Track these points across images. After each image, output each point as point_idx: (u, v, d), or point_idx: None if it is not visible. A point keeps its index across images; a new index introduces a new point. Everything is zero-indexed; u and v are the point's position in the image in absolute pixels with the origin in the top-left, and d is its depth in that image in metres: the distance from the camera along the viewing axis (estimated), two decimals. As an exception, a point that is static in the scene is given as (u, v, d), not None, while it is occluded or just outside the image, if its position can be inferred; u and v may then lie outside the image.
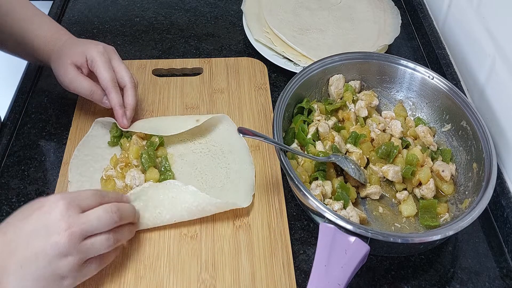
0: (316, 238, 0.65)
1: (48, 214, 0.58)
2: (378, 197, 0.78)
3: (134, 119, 0.83)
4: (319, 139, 0.82)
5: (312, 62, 0.86)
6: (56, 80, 0.82)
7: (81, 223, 0.59)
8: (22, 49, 0.85)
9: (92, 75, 0.80)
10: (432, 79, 0.84)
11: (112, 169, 0.77)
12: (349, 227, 0.64)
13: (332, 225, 0.65)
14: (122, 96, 0.80)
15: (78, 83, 0.79)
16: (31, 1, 0.86)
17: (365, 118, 0.85)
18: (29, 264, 0.56)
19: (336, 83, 0.87)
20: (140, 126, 0.82)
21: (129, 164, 0.78)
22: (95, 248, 0.61)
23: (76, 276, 0.60)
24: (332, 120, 0.84)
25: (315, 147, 0.80)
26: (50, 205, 0.59)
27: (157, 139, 0.81)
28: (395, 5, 1.08)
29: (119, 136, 0.82)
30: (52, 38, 0.82)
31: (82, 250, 0.59)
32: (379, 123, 0.84)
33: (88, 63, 0.79)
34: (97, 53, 0.78)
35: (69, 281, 0.59)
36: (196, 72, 0.96)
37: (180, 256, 0.71)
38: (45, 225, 0.58)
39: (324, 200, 0.74)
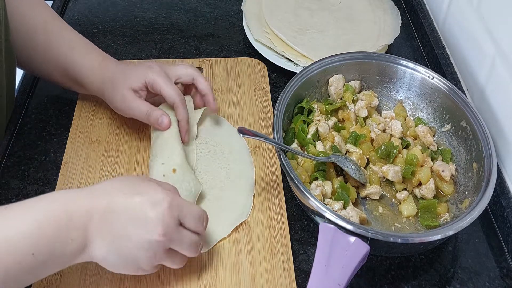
0: (316, 238, 0.65)
1: (150, 208, 0.60)
2: (378, 197, 0.78)
3: None
4: (319, 139, 0.82)
5: (312, 62, 0.86)
6: (112, 108, 0.82)
7: (174, 237, 0.61)
8: (69, 80, 0.84)
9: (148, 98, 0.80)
10: (432, 79, 0.84)
11: None
12: (349, 227, 0.64)
13: (332, 225, 0.65)
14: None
15: (135, 106, 0.78)
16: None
17: (365, 118, 0.85)
18: (121, 241, 0.60)
19: (336, 83, 0.87)
20: None
21: None
22: (172, 261, 0.64)
23: (147, 271, 0.63)
24: (332, 120, 0.84)
25: (315, 147, 0.80)
26: (156, 199, 0.60)
27: None
28: (395, 5, 1.08)
29: None
30: (100, 68, 0.81)
31: (163, 257, 0.62)
32: (379, 123, 0.84)
33: (149, 86, 0.78)
34: (155, 74, 0.78)
35: (141, 272, 0.63)
36: (196, 72, 0.96)
37: (180, 256, 0.71)
38: (146, 218, 0.60)
39: (324, 200, 0.74)
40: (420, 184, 0.78)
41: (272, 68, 0.97)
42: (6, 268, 0.54)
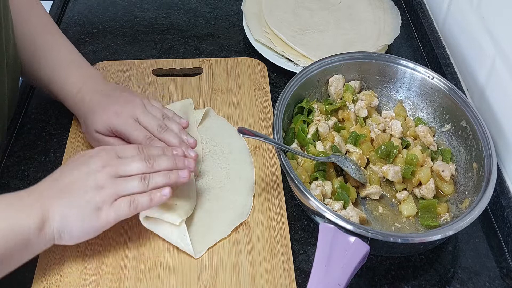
0: (316, 238, 0.65)
1: (89, 157, 0.66)
2: (378, 197, 0.78)
3: None
4: (319, 139, 0.82)
5: (312, 62, 0.86)
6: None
7: (117, 163, 0.66)
8: (55, 96, 0.84)
9: None
10: (432, 79, 0.84)
11: None
12: (349, 227, 0.64)
13: (332, 225, 0.65)
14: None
15: (104, 143, 0.77)
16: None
17: (365, 118, 0.85)
18: (69, 190, 0.63)
19: (336, 83, 0.87)
20: None
21: None
22: (128, 185, 0.65)
23: (109, 211, 0.64)
24: (332, 120, 0.84)
25: (315, 147, 0.80)
26: (92, 151, 0.67)
27: None
28: (395, 5, 1.08)
29: None
30: (75, 99, 0.80)
31: (116, 184, 0.64)
32: (379, 123, 0.84)
33: (115, 133, 0.76)
34: (121, 122, 0.75)
35: (104, 214, 0.64)
36: (196, 72, 0.96)
37: (180, 256, 0.70)
38: (86, 162, 0.65)
39: (324, 200, 0.74)
40: (420, 184, 0.78)
41: (272, 68, 0.97)
42: None
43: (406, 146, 0.82)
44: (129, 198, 0.65)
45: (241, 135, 0.72)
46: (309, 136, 0.81)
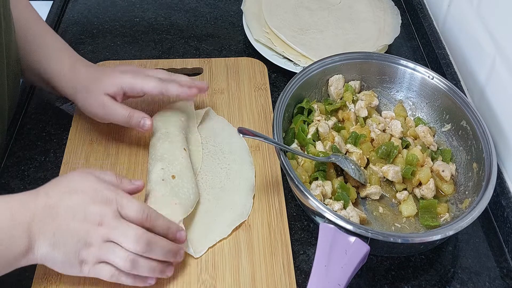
0: (316, 238, 0.65)
1: (90, 203, 0.62)
2: (378, 197, 0.78)
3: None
4: (319, 139, 0.82)
5: (312, 62, 0.86)
6: (87, 114, 0.81)
7: (112, 227, 0.62)
8: (46, 84, 0.83)
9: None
10: (432, 79, 0.84)
11: None
12: (349, 227, 0.64)
13: (332, 225, 0.65)
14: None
15: (114, 111, 0.77)
16: (31, 1, 0.86)
17: (365, 118, 0.85)
18: (61, 236, 0.61)
19: (336, 83, 0.87)
20: None
21: None
22: (112, 255, 0.62)
23: (90, 269, 0.63)
24: (332, 120, 0.84)
25: (315, 147, 0.80)
26: (96, 195, 0.62)
27: None
28: (395, 5, 1.08)
29: None
30: (69, 74, 0.79)
31: (103, 249, 0.62)
32: (379, 123, 0.84)
33: (128, 91, 0.77)
34: (130, 77, 0.77)
35: (86, 268, 0.63)
36: (196, 72, 0.96)
37: (180, 256, 0.70)
38: (84, 210, 0.61)
39: (324, 200, 0.74)
40: (420, 184, 0.78)
41: (272, 68, 0.97)
42: None
43: (406, 146, 0.82)
44: (113, 270, 0.63)
45: (241, 135, 0.72)
46: (309, 136, 0.81)
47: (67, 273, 0.63)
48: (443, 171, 0.77)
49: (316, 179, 0.76)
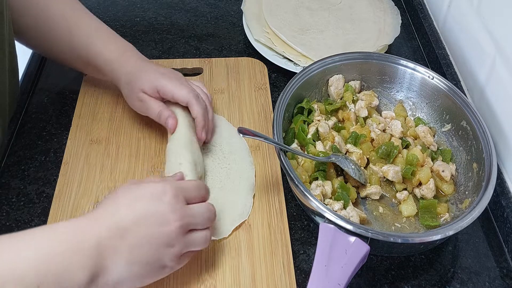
0: (316, 238, 0.65)
1: (158, 203, 0.60)
2: (378, 197, 0.78)
3: None
4: (319, 139, 0.82)
5: (312, 62, 0.86)
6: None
7: (188, 215, 0.61)
8: (92, 69, 0.84)
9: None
10: (432, 79, 0.84)
11: None
12: (349, 227, 0.64)
13: (332, 225, 0.65)
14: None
15: (149, 106, 0.79)
16: None
17: (365, 118, 0.85)
18: (139, 249, 0.58)
19: (336, 83, 0.87)
20: None
21: None
22: (195, 242, 0.63)
23: (173, 267, 0.62)
24: (332, 120, 0.84)
25: (315, 147, 0.80)
26: (159, 193, 0.61)
27: None
28: (395, 5, 1.08)
29: None
30: (119, 61, 0.80)
31: (185, 242, 0.61)
32: (379, 123, 0.84)
33: (160, 93, 0.78)
34: (166, 80, 0.78)
35: (167, 271, 0.62)
36: (196, 72, 0.96)
37: (180, 256, 0.70)
38: (156, 213, 0.59)
39: (324, 200, 0.74)
40: (420, 184, 0.78)
41: (272, 68, 0.97)
42: None
43: (406, 146, 0.82)
44: (191, 254, 0.64)
45: (241, 135, 0.73)
46: (309, 136, 0.81)
47: (142, 285, 0.61)
48: (443, 171, 0.78)
49: (316, 179, 0.76)
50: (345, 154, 0.81)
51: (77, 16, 0.82)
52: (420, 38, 1.08)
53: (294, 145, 0.81)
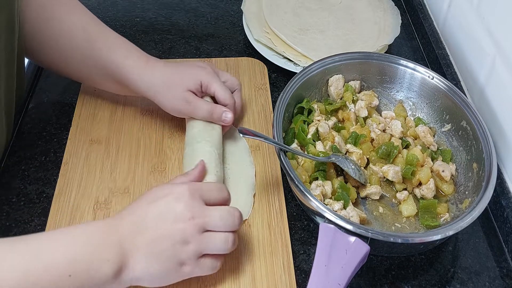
0: (316, 238, 0.65)
1: (175, 202, 0.62)
2: (378, 197, 0.78)
3: None
4: (319, 139, 0.82)
5: (312, 62, 0.86)
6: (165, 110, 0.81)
7: (204, 215, 0.62)
8: (111, 81, 0.82)
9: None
10: (432, 79, 0.84)
11: None
12: (349, 227, 0.64)
13: (332, 225, 0.65)
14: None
15: (198, 106, 0.78)
16: None
17: (365, 118, 0.85)
18: (156, 244, 0.60)
19: (336, 83, 0.87)
20: None
21: None
22: (213, 243, 0.63)
23: (193, 266, 0.63)
24: (332, 120, 0.84)
25: (315, 147, 0.80)
26: (177, 194, 0.63)
27: None
28: (395, 5, 1.08)
29: None
30: (146, 68, 0.79)
31: (202, 241, 0.62)
32: (379, 123, 0.84)
33: (203, 87, 0.79)
34: (210, 75, 0.79)
35: (187, 269, 0.62)
36: (196, 72, 0.96)
37: (180, 256, 0.70)
38: (172, 211, 0.62)
39: (324, 200, 0.74)
40: (420, 184, 0.78)
41: (272, 68, 0.97)
42: None
43: (406, 146, 0.82)
44: (214, 259, 0.64)
45: (241, 135, 0.73)
46: (309, 136, 0.81)
47: (163, 283, 0.63)
48: (443, 171, 0.78)
49: (316, 179, 0.76)
50: (345, 154, 0.81)
51: (96, 30, 0.81)
52: (420, 38, 1.08)
53: (294, 145, 0.81)
